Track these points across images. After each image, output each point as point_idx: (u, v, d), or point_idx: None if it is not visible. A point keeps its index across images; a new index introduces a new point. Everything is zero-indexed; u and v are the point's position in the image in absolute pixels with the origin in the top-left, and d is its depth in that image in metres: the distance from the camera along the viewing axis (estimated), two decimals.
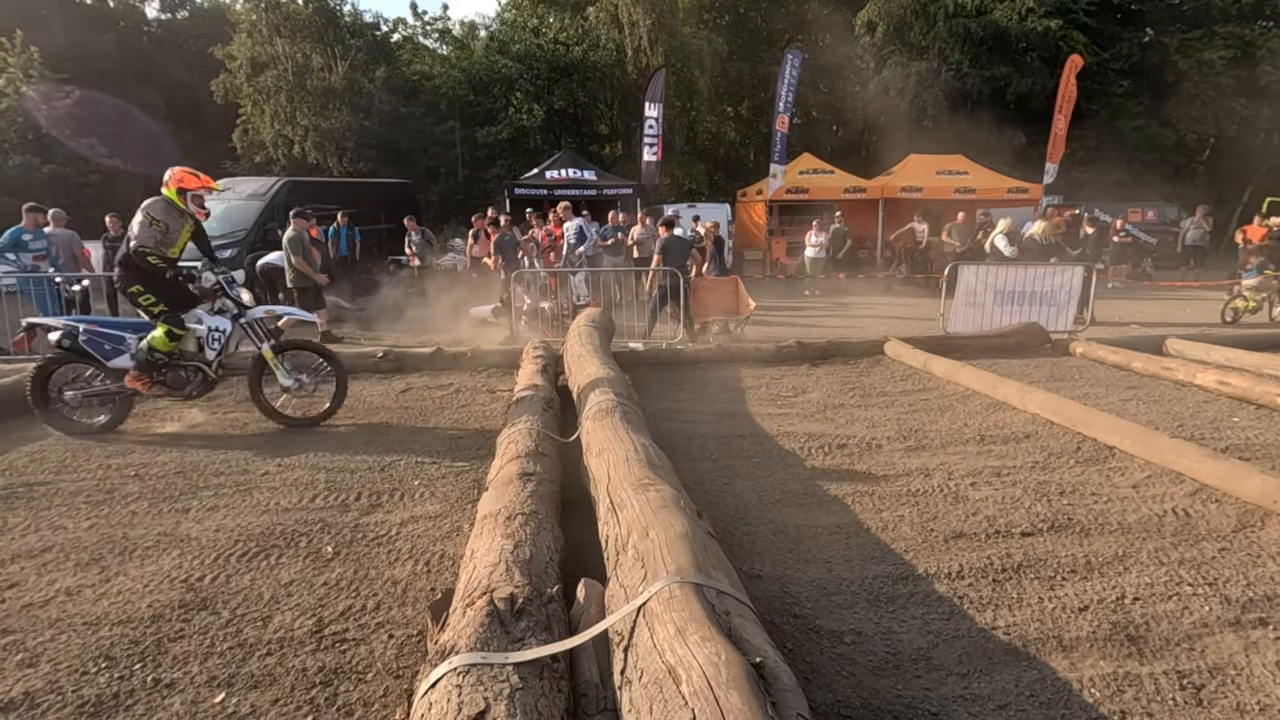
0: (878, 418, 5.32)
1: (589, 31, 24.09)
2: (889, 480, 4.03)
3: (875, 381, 6.51)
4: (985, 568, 2.99)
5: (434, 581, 2.92)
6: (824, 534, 3.36)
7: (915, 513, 3.58)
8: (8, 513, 3.60)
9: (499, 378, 6.71)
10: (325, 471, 4.19)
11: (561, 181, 17.13)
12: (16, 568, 3.03)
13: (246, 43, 22.27)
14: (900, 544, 3.24)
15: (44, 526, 3.44)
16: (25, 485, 3.97)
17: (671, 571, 1.83)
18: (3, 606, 2.72)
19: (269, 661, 2.38)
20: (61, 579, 2.94)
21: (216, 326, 4.95)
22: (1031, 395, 5.35)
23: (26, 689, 2.22)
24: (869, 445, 4.65)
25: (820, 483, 4.01)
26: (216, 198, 13.26)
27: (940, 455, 4.45)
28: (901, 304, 12.40)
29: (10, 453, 4.54)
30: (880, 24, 22.09)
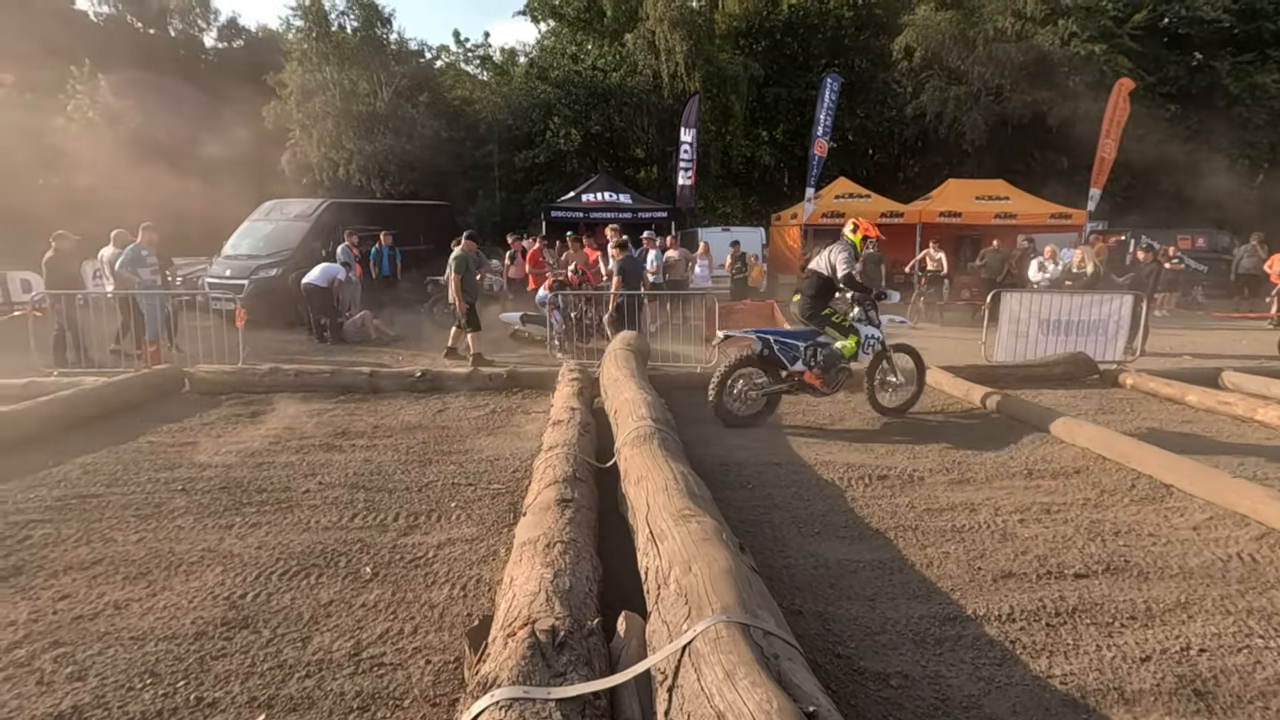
0: (919, 449, 5.20)
1: (626, 58, 24.48)
2: (933, 514, 3.92)
3: (916, 410, 6.37)
4: (1038, 610, 2.87)
5: (470, 607, 2.91)
6: (866, 569, 3.27)
7: (961, 549, 3.46)
8: (62, 524, 3.70)
9: (534, 399, 6.74)
10: (364, 491, 4.24)
11: (597, 205, 17.33)
12: (69, 579, 3.10)
13: (297, 70, 23.12)
14: (946, 582, 3.14)
15: (95, 539, 3.53)
16: (79, 497, 4.09)
17: (717, 610, 1.78)
18: (55, 618, 2.78)
19: (308, 684, 2.39)
20: (110, 592, 3.00)
21: (872, 335, 5.95)
22: (1081, 428, 5.17)
23: (75, 703, 2.25)
24: (911, 477, 4.54)
25: (861, 515, 3.92)
26: (264, 217, 13.78)
27: (986, 490, 4.31)
28: (942, 332, 12.18)
29: (65, 464, 4.68)
30: (918, 49, 22.01)
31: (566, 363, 7.36)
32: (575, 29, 27.20)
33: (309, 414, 6.13)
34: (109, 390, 6.22)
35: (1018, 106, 21.44)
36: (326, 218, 13.23)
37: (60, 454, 4.88)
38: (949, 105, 21.50)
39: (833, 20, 25.61)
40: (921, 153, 24.76)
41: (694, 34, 22.25)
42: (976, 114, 21.50)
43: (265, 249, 12.66)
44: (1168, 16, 22.41)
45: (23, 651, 2.54)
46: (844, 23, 25.61)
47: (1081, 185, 17.70)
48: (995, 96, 21.89)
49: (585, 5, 26.24)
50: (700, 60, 22.38)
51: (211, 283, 12.06)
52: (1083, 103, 19.97)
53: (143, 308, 8.40)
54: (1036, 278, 11.84)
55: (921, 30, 21.81)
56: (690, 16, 22.43)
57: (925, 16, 21.86)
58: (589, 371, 6.79)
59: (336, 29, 23.56)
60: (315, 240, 12.62)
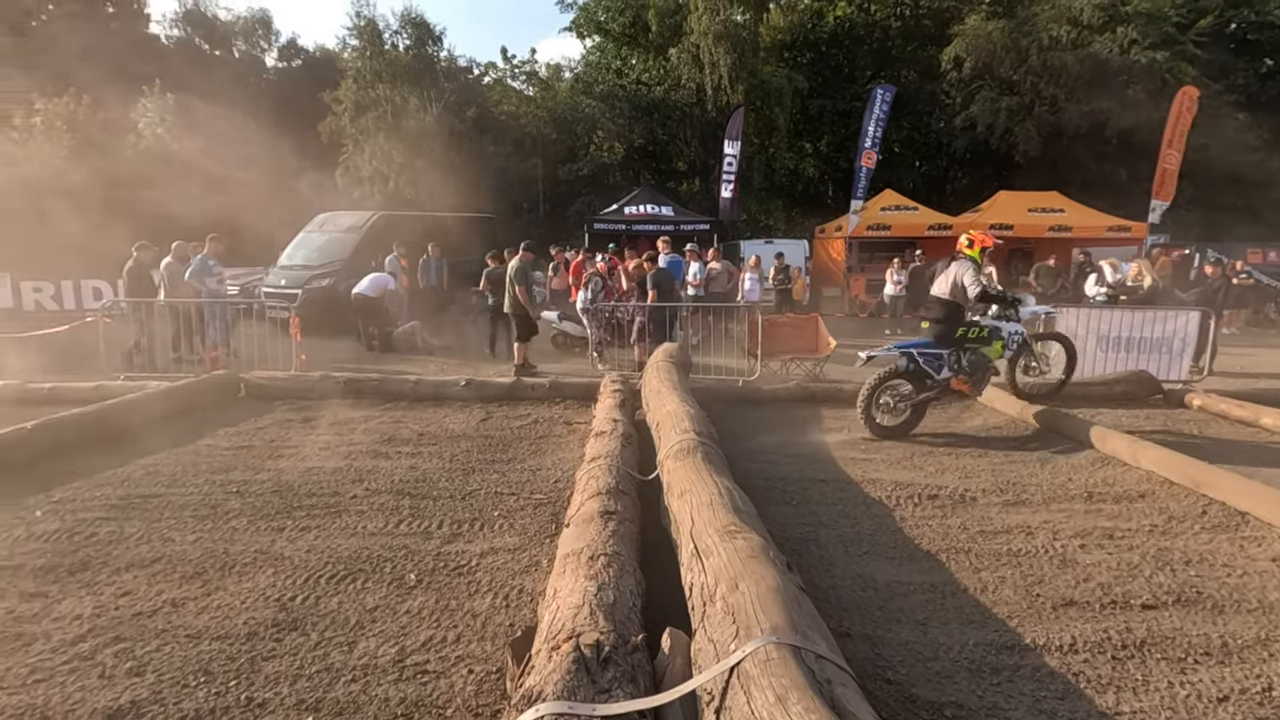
0: (971, 467, 5.03)
1: (670, 71, 24.61)
2: (986, 537, 3.77)
3: (967, 429, 6.18)
4: (1102, 642, 2.72)
5: (513, 617, 2.91)
6: (917, 592, 3.16)
7: (1018, 574, 3.32)
8: (125, 522, 3.85)
9: (576, 409, 6.76)
10: (409, 498, 4.29)
11: (640, 217, 17.40)
12: (130, 576, 3.21)
13: (352, 87, 23.92)
14: (1002, 609, 3.01)
15: (155, 538, 3.66)
16: (141, 497, 4.24)
17: (766, 630, 1.74)
18: (117, 613, 2.88)
19: (354, 689, 2.41)
20: (168, 590, 3.09)
21: (1015, 331, 6.08)
22: (1146, 450, 4.93)
23: (133, 698, 2.32)
24: (963, 497, 4.38)
25: (911, 535, 3.80)
26: (318, 229, 14.22)
27: (1043, 512, 4.14)
28: None
29: (128, 465, 4.88)
30: (968, 59, 21.57)
31: (609, 374, 7.37)
32: (620, 44, 27.51)
33: (357, 420, 6.27)
34: (169, 395, 6.47)
35: (1074, 116, 20.79)
36: (377, 229, 13.59)
37: (124, 455, 5.08)
38: (1001, 116, 20.99)
39: (879, 32, 25.35)
40: (971, 164, 24.19)
41: (738, 47, 22.27)
42: (1030, 125, 20.93)
43: (318, 260, 13.07)
44: (1235, 21, 21.50)
45: (86, 645, 2.63)
46: (891, 34, 25.31)
47: (1142, 197, 17.02)
48: (1050, 106, 21.29)
49: (630, 21, 26.53)
50: (744, 73, 22.37)
51: (267, 292, 12.48)
52: (1143, 112, 19.26)
53: (206, 315, 8.76)
54: (1092, 292, 11.40)
55: (971, 40, 21.38)
56: (734, 30, 22.45)
57: (976, 26, 21.43)
58: (631, 383, 6.79)
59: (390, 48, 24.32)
60: (366, 251, 12.96)
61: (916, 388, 5.91)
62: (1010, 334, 6.04)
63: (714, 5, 22.08)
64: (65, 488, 4.37)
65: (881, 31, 25.24)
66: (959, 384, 5.96)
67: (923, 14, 25.12)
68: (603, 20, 27.36)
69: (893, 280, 13.90)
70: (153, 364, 8.58)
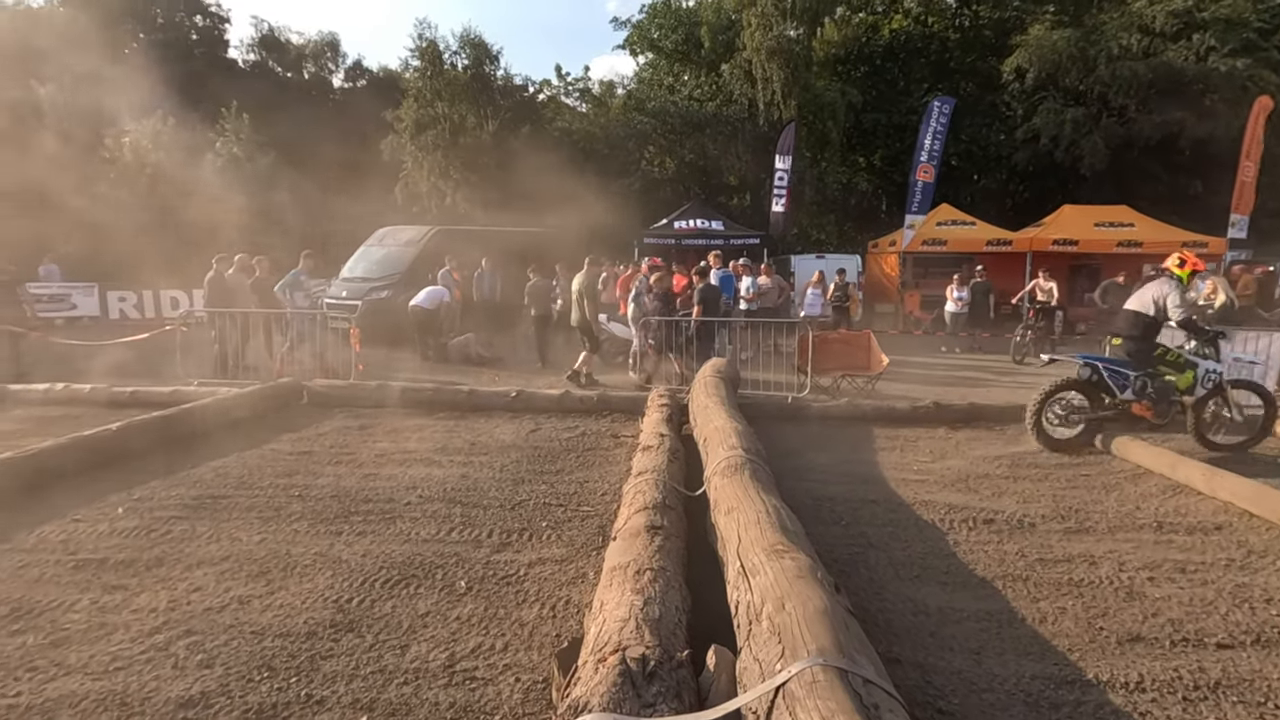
0: (1030, 492, 4.85)
1: (722, 87, 24.72)
2: (1046, 565, 3.64)
3: (1026, 451, 5.96)
4: (1172, 681, 2.59)
5: (559, 628, 2.94)
6: (971, 620, 3.07)
7: (1080, 606, 3.19)
8: (196, 521, 4.06)
9: (624, 423, 6.81)
10: (461, 506, 4.40)
11: (689, 231, 17.46)
12: (201, 573, 3.39)
13: (412, 106, 24.80)
14: (1063, 641, 2.89)
15: (223, 537, 3.85)
16: (211, 498, 4.47)
17: (813, 651, 1.72)
18: (188, 608, 3.04)
19: (405, 691, 2.49)
20: (235, 587, 3.25)
21: (1212, 369, 5.82)
22: (1222, 479, 4.67)
23: (203, 689, 2.45)
24: (1021, 523, 4.23)
25: (965, 560, 3.69)
26: (378, 243, 14.75)
27: (1108, 541, 3.96)
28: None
29: (200, 467, 5.14)
30: (1031, 69, 20.96)
31: (656, 388, 7.40)
32: (672, 60, 27.79)
33: (412, 429, 6.46)
34: (238, 401, 6.80)
35: (1145, 127, 19.95)
36: (434, 244, 14.01)
37: (197, 457, 5.36)
38: (1065, 127, 20.29)
39: (936, 44, 24.91)
40: (1033, 178, 23.42)
41: (791, 62, 22.20)
42: (1096, 136, 20.17)
43: (378, 272, 13.55)
44: None
45: (161, 637, 2.79)
46: (949, 45, 24.85)
47: (1219, 212, 16.18)
48: (1118, 117, 20.49)
49: (683, 38, 26.79)
50: (797, 88, 22.27)
51: (329, 303, 12.99)
52: (1221, 122, 18.35)
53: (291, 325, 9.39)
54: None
55: (1035, 50, 20.78)
56: (788, 45, 22.40)
57: (1039, 36, 20.83)
58: (678, 397, 6.80)
59: (449, 67, 25.13)
60: (423, 265, 13.37)
61: (1092, 403, 5.76)
62: (1207, 372, 5.76)
63: (767, 21, 22.09)
64: (144, 486, 4.64)
65: (939, 43, 24.80)
66: (1141, 409, 5.73)
67: (982, 25, 24.61)
68: (655, 38, 27.71)
69: (953, 297, 13.53)
70: (224, 371, 9.04)
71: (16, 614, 2.96)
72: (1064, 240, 15.85)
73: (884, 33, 25.02)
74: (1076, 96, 20.97)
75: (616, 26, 29.77)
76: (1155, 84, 19.72)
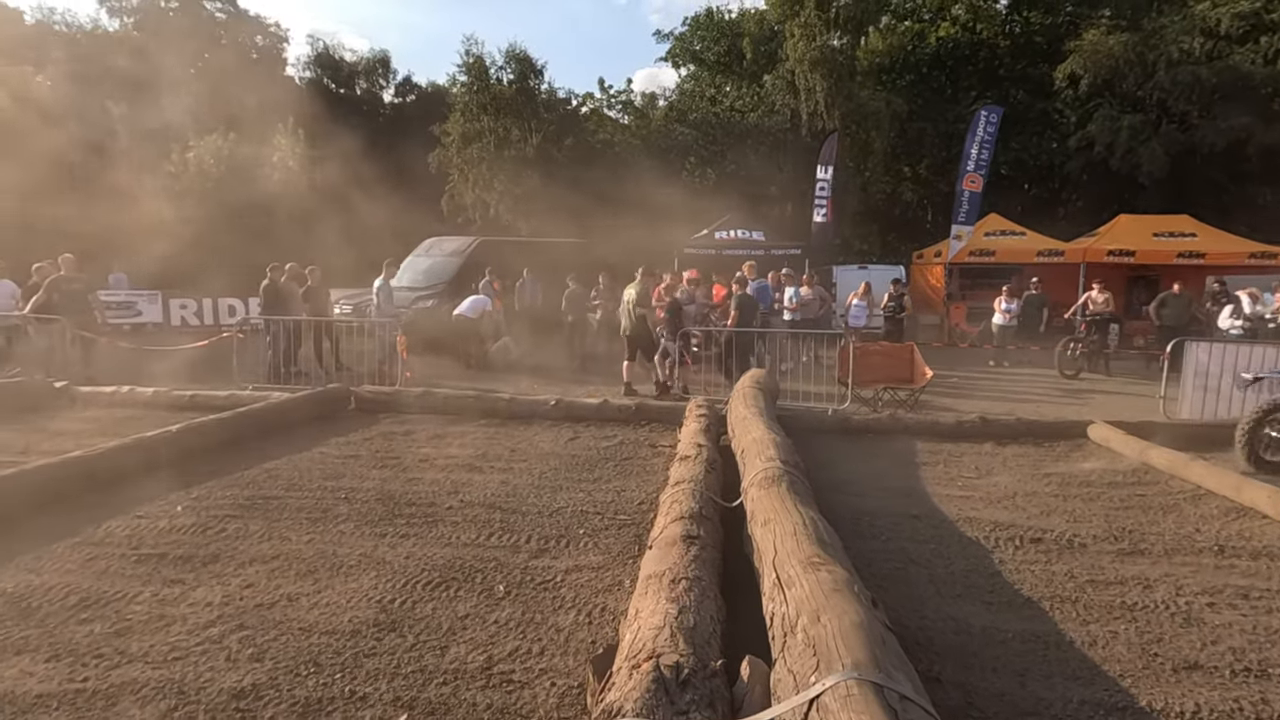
0: (1080, 511, 4.69)
1: (765, 98, 24.69)
2: (1097, 587, 3.51)
3: (1076, 469, 5.77)
4: (1232, 713, 2.48)
5: (595, 634, 2.97)
6: (1016, 641, 2.99)
7: (1133, 630, 3.07)
8: (249, 521, 4.23)
9: (661, 432, 6.82)
10: (500, 512, 4.48)
11: (730, 242, 17.42)
12: (253, 571, 3.53)
13: (459, 120, 25.44)
14: (1114, 666, 2.79)
15: (274, 537, 3.99)
16: (263, 499, 4.64)
17: (848, 665, 1.71)
18: (241, 603, 3.17)
19: (444, 691, 2.54)
20: (285, 585, 3.37)
21: None
22: None
23: (254, 681, 2.55)
24: (1070, 543, 4.10)
25: (1010, 579, 3.59)
26: (425, 254, 15.13)
27: (1164, 564, 3.80)
28: (1108, 383, 10.99)
29: (253, 469, 5.35)
30: (1085, 75, 20.38)
31: (694, 399, 7.40)
32: (714, 72, 27.88)
33: (454, 435, 6.59)
34: (290, 405, 7.04)
35: (1208, 134, 19.18)
36: (477, 254, 14.31)
37: (250, 459, 5.57)
38: (1122, 135, 19.65)
39: (985, 51, 24.44)
40: (1086, 186, 22.71)
41: (834, 72, 22.06)
42: (1156, 144, 19.47)
43: (424, 281, 13.89)
44: None
45: (215, 630, 2.91)
46: (999, 52, 24.35)
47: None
48: (1179, 124, 19.75)
49: (725, 50, 26.88)
50: (840, 98, 22.11)
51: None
52: None
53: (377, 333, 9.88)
54: (1226, 325, 10.41)
55: (1090, 56, 20.21)
56: (831, 55, 22.27)
57: (1095, 41, 20.25)
58: (716, 408, 6.79)
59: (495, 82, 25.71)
60: (467, 274, 13.66)
61: None
62: None
63: (810, 32, 22.01)
64: (201, 486, 4.85)
65: (988, 50, 24.33)
66: None
67: (1034, 30, 24.04)
68: (697, 50, 27.87)
69: (1001, 309, 13.18)
70: (277, 376, 9.38)
71: (85, 603, 3.13)
72: (1120, 251, 15.31)
73: (930, 40, 24.66)
74: (1134, 103, 20.30)
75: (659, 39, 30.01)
76: (1220, 89, 18.96)
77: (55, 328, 9.11)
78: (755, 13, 26.77)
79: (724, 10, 28.49)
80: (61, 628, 2.92)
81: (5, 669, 2.61)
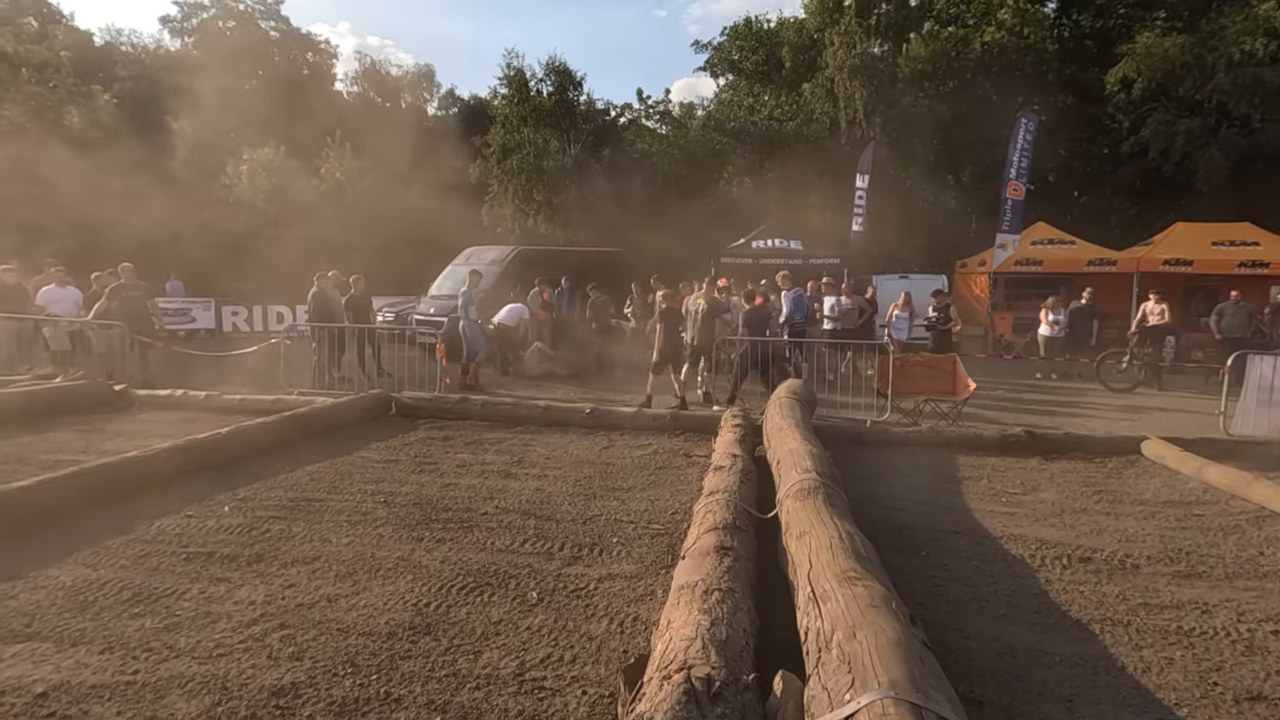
0: (1133, 531, 4.50)
1: (803, 106, 24.51)
2: (1151, 610, 3.36)
3: (1129, 486, 5.55)
4: None
5: (627, 643, 2.96)
6: (1063, 665, 2.87)
7: (1190, 657, 2.93)
8: (292, 522, 4.34)
9: (696, 442, 6.79)
10: (535, 519, 4.50)
11: (767, 251, 17.31)
12: (295, 571, 3.61)
13: (500, 132, 25.88)
14: (1169, 694, 2.66)
15: (316, 538, 4.09)
16: (306, 500, 4.76)
17: (884, 684, 1.67)
18: (283, 603, 3.25)
19: (477, 695, 2.56)
20: (325, 586, 3.44)
21: None
22: None
23: (293, 680, 2.61)
24: (1122, 563, 3.93)
25: (1057, 600, 3.46)
26: (464, 263, 15.38)
27: (1224, 589, 3.62)
28: (1163, 398, 10.55)
29: (297, 472, 5.49)
30: (1139, 79, 19.72)
31: (730, 409, 7.35)
32: (752, 81, 27.81)
33: (491, 441, 6.67)
34: (334, 410, 7.22)
35: (1272, 137, 18.36)
36: (516, 263, 14.51)
37: (295, 461, 5.73)
38: (1178, 139, 18.94)
39: (1033, 55, 23.82)
40: (1140, 193, 21.94)
41: (875, 79, 21.78)
42: (1214, 149, 18.70)
43: None
44: None
45: (258, 629, 2.99)
46: (1046, 57, 23.71)
47: None
48: (1240, 128, 18.95)
49: (763, 59, 26.79)
50: (881, 105, 21.82)
51: (418, 319, 13.64)
52: None
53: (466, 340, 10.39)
54: None
55: (1143, 59, 19.54)
56: (871, 63, 22.01)
57: (1149, 44, 19.57)
58: (752, 418, 6.73)
59: (535, 94, 26.10)
60: (505, 283, 13.85)
61: None
62: None
63: (850, 39, 21.80)
64: (247, 488, 5.00)
65: (1036, 55, 23.70)
66: None
67: (1084, 34, 23.37)
68: (736, 59, 27.84)
69: (1048, 320, 12.78)
70: (321, 381, 9.63)
71: (137, 598, 3.25)
72: (1176, 260, 14.73)
73: (975, 46, 24.16)
74: (1191, 106, 19.55)
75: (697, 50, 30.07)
76: None
77: (115, 333, 9.52)
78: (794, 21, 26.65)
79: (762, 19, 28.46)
80: (115, 621, 3.03)
81: (63, 659, 2.72)
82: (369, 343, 10.71)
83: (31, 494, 4.16)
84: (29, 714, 2.39)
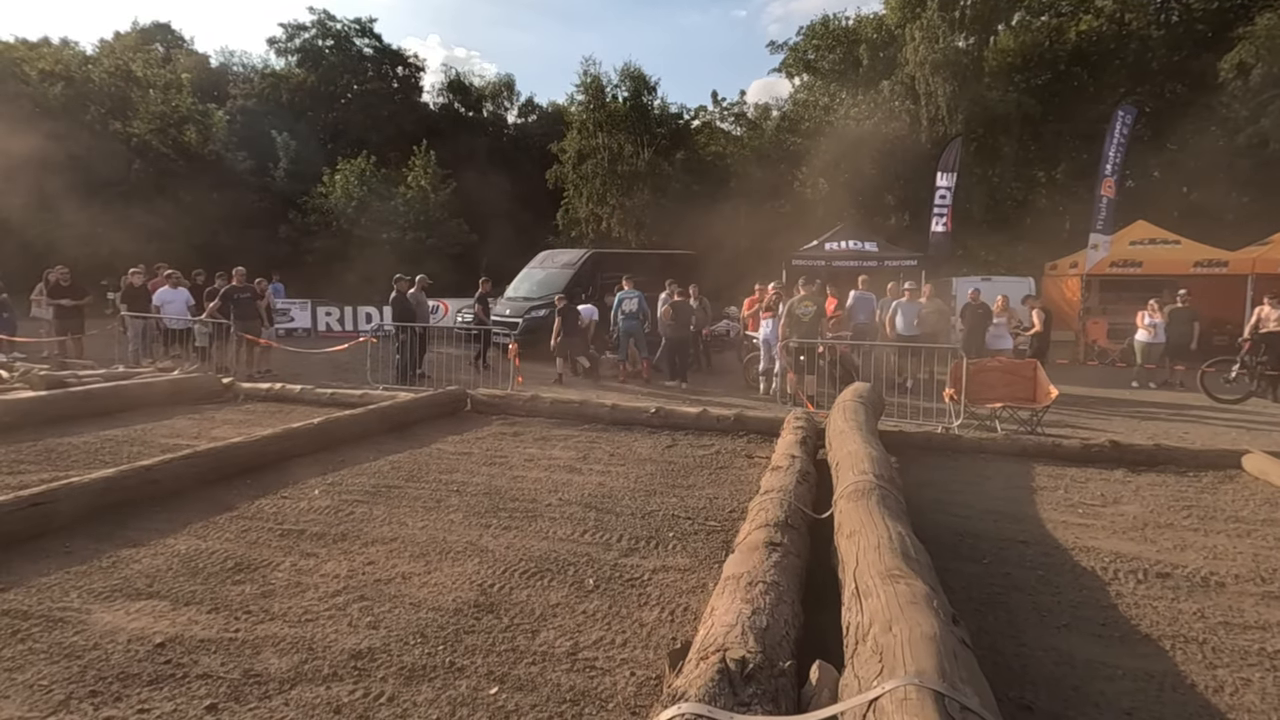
0: (1223, 548, 4.24)
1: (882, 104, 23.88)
2: (1232, 630, 3.19)
3: (1224, 502, 5.20)
4: None
5: (676, 631, 3.07)
6: (1126, 678, 2.78)
7: (1270, 680, 2.77)
8: (373, 506, 4.68)
9: (758, 444, 6.81)
10: (595, 511, 4.68)
11: (840, 253, 16.98)
12: (374, 550, 3.92)
13: (575, 138, 26.50)
14: (1241, 715, 2.55)
15: (394, 522, 4.41)
16: (386, 487, 5.12)
17: (910, 672, 1.72)
18: (363, 577, 3.54)
19: (533, 670, 2.74)
20: (400, 565, 3.73)
21: None
22: None
23: (370, 645, 2.87)
24: (1205, 581, 3.73)
25: (1127, 614, 3.33)
26: (539, 265, 15.87)
27: None
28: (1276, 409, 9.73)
29: (379, 461, 5.89)
30: (1257, 65, 18.18)
31: (793, 410, 7.33)
32: (829, 80, 27.31)
33: (558, 438, 6.92)
34: (413, 404, 7.66)
35: None
36: (588, 266, 14.87)
37: (378, 451, 6.14)
38: None
39: (1135, 43, 22.36)
40: (1259, 189, 20.17)
41: (959, 74, 20.98)
42: None
43: (537, 292, 14.62)
44: None
45: (340, 599, 3.28)
46: (1150, 44, 22.19)
47: None
48: None
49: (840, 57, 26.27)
50: (965, 101, 20.99)
51: (495, 320, 14.19)
52: None
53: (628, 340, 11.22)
54: None
55: (1264, 43, 18.01)
56: (955, 57, 21.21)
57: (1271, 25, 18.02)
58: (815, 421, 6.69)
59: (610, 100, 26.57)
60: (578, 285, 14.22)
61: None
62: None
63: (933, 34, 21.09)
64: (336, 474, 5.41)
65: (1138, 42, 22.24)
66: None
67: (1195, 18, 21.72)
68: (812, 59, 27.42)
69: (1146, 325, 12.00)
70: (403, 377, 10.21)
71: (239, 569, 3.62)
72: None
73: (1069, 35, 22.89)
74: None
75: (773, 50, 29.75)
76: None
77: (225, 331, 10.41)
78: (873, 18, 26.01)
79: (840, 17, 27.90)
80: (220, 586, 3.40)
81: (177, 616, 3.09)
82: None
83: (154, 472, 4.67)
84: (150, 660, 2.74)
